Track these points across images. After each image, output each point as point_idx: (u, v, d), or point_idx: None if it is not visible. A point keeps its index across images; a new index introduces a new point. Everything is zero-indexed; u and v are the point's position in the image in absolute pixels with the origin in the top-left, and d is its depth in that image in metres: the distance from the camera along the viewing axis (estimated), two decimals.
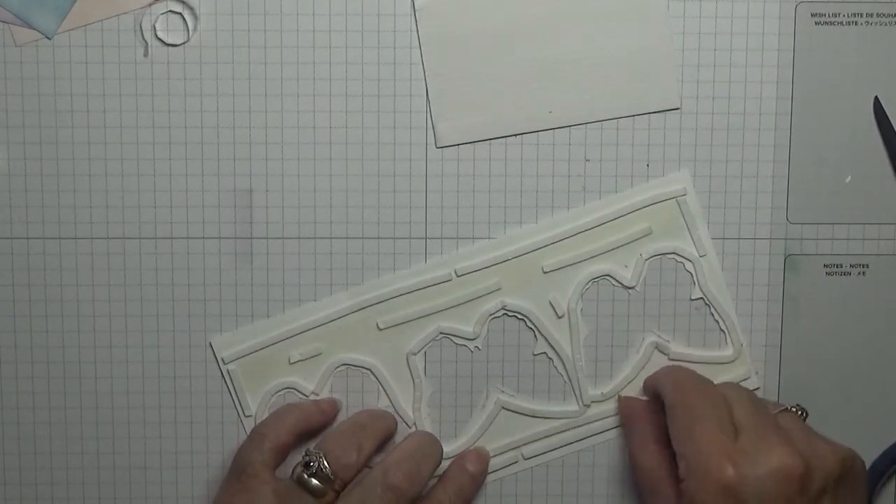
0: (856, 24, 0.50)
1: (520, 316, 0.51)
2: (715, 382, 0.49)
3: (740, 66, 0.50)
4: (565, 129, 0.51)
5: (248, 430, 0.51)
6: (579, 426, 0.52)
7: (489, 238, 0.51)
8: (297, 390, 0.51)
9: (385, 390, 0.51)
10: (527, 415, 0.52)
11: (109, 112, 0.50)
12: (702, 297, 0.51)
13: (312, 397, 0.51)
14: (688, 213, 0.51)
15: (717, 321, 0.52)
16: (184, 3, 0.50)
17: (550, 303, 0.51)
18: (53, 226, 0.51)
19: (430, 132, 0.51)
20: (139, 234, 0.51)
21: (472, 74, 0.50)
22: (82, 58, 0.50)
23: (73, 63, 0.50)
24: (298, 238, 0.51)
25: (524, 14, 0.50)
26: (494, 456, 0.52)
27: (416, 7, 0.50)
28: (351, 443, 0.48)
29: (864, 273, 0.52)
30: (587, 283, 0.51)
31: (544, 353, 0.52)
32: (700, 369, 0.51)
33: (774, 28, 0.50)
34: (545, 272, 0.51)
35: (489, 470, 0.52)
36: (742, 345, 0.52)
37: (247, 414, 0.51)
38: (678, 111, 0.51)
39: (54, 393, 0.52)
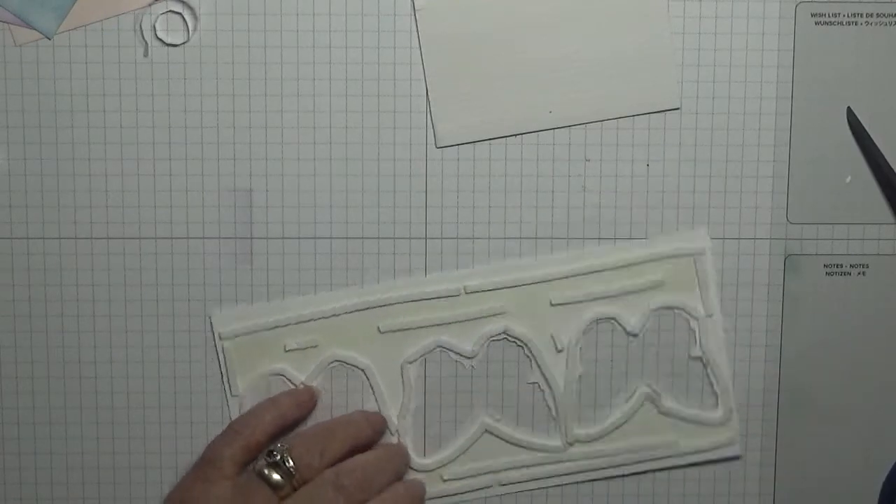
0: (856, 24, 0.50)
1: (520, 343, 0.51)
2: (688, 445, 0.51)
3: (740, 66, 0.50)
4: (565, 129, 0.51)
5: (232, 410, 0.51)
6: (560, 462, 0.52)
7: (504, 258, 0.51)
8: (287, 378, 0.51)
9: (374, 393, 0.51)
10: (509, 442, 0.52)
11: (109, 112, 0.50)
12: (700, 357, 0.51)
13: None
14: (702, 273, 0.51)
15: (711, 382, 0.52)
16: (184, 3, 0.50)
17: (552, 336, 0.51)
18: (53, 226, 0.51)
19: (430, 132, 0.51)
20: (139, 234, 0.51)
21: (472, 74, 0.50)
22: (82, 58, 0.50)
23: (73, 63, 0.50)
24: (298, 238, 0.51)
25: (524, 14, 0.50)
26: (471, 477, 0.52)
27: (416, 7, 0.50)
28: (316, 444, 0.48)
29: (864, 273, 0.51)
30: (591, 323, 0.51)
31: (537, 383, 0.52)
32: (687, 428, 0.51)
33: (774, 28, 0.50)
34: (553, 304, 0.51)
35: (466, 489, 0.52)
36: (732, 410, 0.52)
37: (233, 393, 0.51)
38: (678, 111, 0.51)
39: (54, 393, 0.52)
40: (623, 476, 0.52)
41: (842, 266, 0.51)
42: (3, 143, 0.50)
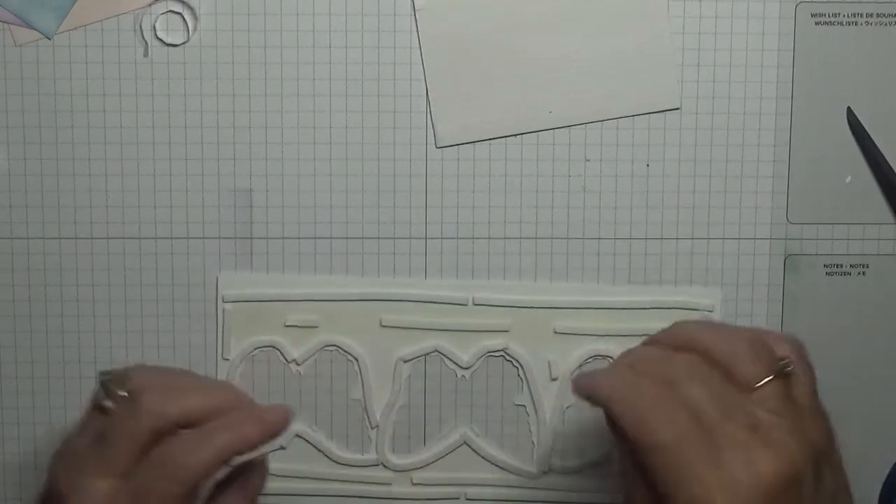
0: (856, 24, 0.50)
1: (516, 363, 0.51)
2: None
3: (740, 66, 0.50)
4: (565, 129, 0.51)
5: (220, 373, 0.51)
6: (530, 488, 0.52)
7: (504, 278, 0.51)
8: (280, 352, 0.51)
9: (363, 384, 0.51)
10: (485, 458, 0.52)
11: (109, 112, 0.50)
12: None
13: (293, 365, 0.51)
14: None
15: None
16: (184, 3, 0.50)
17: (550, 363, 0.51)
18: (53, 226, 0.51)
19: (430, 132, 0.51)
20: (139, 234, 0.51)
21: (472, 74, 0.50)
22: (82, 58, 0.50)
23: (73, 63, 0.50)
24: (298, 238, 0.51)
25: (524, 14, 0.50)
26: (440, 485, 0.52)
27: (416, 7, 0.50)
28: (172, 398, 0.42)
29: (864, 273, 0.52)
30: (589, 358, 0.51)
31: (524, 406, 0.52)
32: None
33: (774, 28, 0.50)
34: (556, 332, 0.51)
35: (432, 496, 0.52)
36: None
37: (224, 357, 0.51)
38: (678, 111, 0.51)
39: (54, 393, 0.52)
40: None
41: (842, 266, 0.51)
42: (3, 143, 0.50)
